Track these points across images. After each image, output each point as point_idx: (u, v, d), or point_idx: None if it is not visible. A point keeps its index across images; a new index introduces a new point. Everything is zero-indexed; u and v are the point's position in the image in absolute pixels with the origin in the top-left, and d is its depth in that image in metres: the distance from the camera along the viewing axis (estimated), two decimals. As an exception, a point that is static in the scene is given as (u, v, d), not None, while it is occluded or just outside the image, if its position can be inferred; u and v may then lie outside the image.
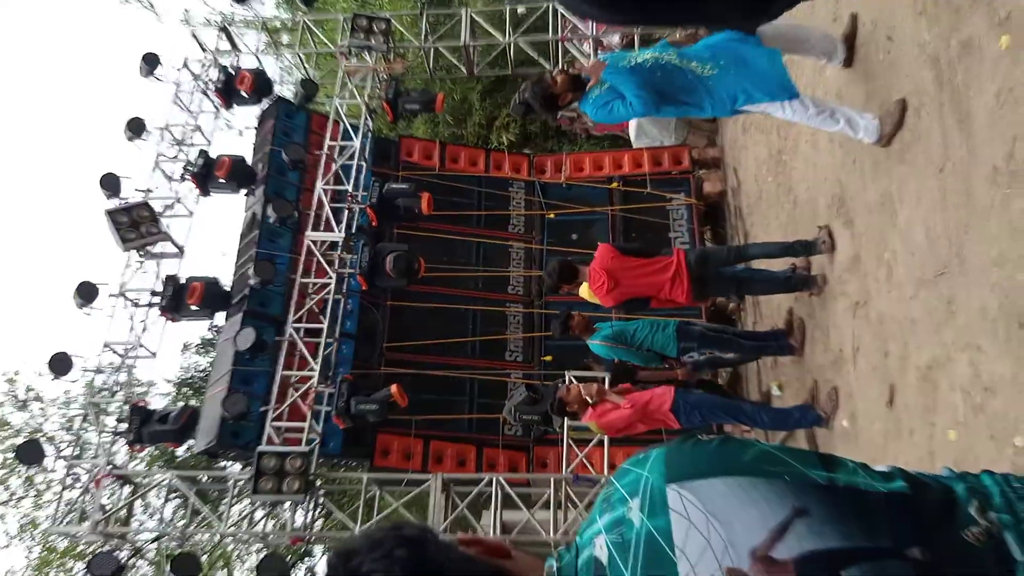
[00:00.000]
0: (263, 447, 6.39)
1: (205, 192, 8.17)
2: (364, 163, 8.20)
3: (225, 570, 15.45)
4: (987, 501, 0.92)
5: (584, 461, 6.66)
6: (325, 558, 0.97)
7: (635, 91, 3.77)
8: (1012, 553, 0.86)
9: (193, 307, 7.34)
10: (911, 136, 3.58)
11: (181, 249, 7.99)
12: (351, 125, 8.32)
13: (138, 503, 7.45)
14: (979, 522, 0.88)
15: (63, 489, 7.10)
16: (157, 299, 7.42)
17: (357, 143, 8.08)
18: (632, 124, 9.61)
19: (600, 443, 6.66)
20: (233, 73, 8.50)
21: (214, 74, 8.57)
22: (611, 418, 4.88)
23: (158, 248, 7.78)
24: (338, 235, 7.51)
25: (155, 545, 7.43)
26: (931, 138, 3.37)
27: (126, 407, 7.03)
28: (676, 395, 4.80)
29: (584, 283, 5.20)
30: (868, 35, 4.09)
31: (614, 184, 9.36)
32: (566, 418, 5.26)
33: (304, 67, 9.90)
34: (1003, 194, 2.74)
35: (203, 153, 8.11)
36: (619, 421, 4.88)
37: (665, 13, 1.97)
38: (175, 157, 8.34)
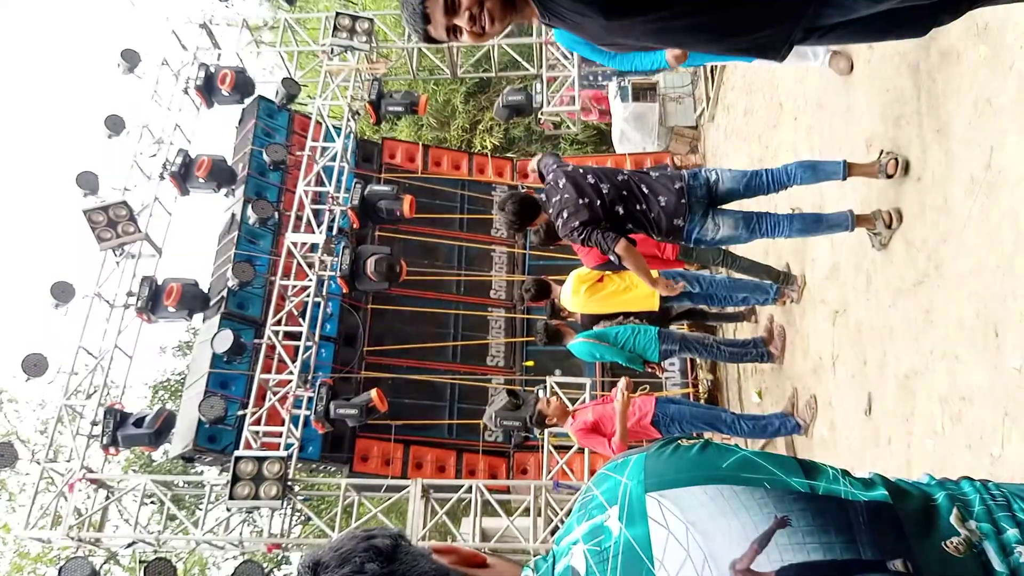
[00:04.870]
0: (240, 452, 6.30)
1: (184, 192, 8.07)
2: (346, 165, 8.14)
3: (201, 576, 15.26)
4: (967, 510, 0.91)
5: (564, 468, 6.65)
6: (295, 568, 0.94)
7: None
8: (992, 564, 0.85)
9: (170, 308, 7.22)
10: (891, 144, 3.61)
11: (159, 249, 7.88)
12: (333, 126, 8.26)
13: (112, 508, 7.32)
14: (959, 532, 0.87)
15: (36, 493, 6.96)
16: (133, 300, 7.30)
17: (339, 144, 8.02)
18: (615, 130, 9.63)
19: (580, 450, 6.64)
20: (214, 71, 8.43)
21: (195, 72, 8.48)
22: (594, 443, 4.80)
23: (135, 248, 7.66)
24: (319, 237, 7.44)
25: (129, 551, 7.30)
26: (910, 147, 3.39)
27: (101, 410, 6.91)
28: (656, 407, 4.79)
29: (566, 289, 5.19)
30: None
31: (597, 189, 9.37)
32: (547, 429, 5.23)
33: (286, 66, 9.83)
34: (980, 204, 2.76)
35: (183, 152, 8.02)
36: (603, 448, 4.81)
37: None
38: (154, 156, 8.22)
